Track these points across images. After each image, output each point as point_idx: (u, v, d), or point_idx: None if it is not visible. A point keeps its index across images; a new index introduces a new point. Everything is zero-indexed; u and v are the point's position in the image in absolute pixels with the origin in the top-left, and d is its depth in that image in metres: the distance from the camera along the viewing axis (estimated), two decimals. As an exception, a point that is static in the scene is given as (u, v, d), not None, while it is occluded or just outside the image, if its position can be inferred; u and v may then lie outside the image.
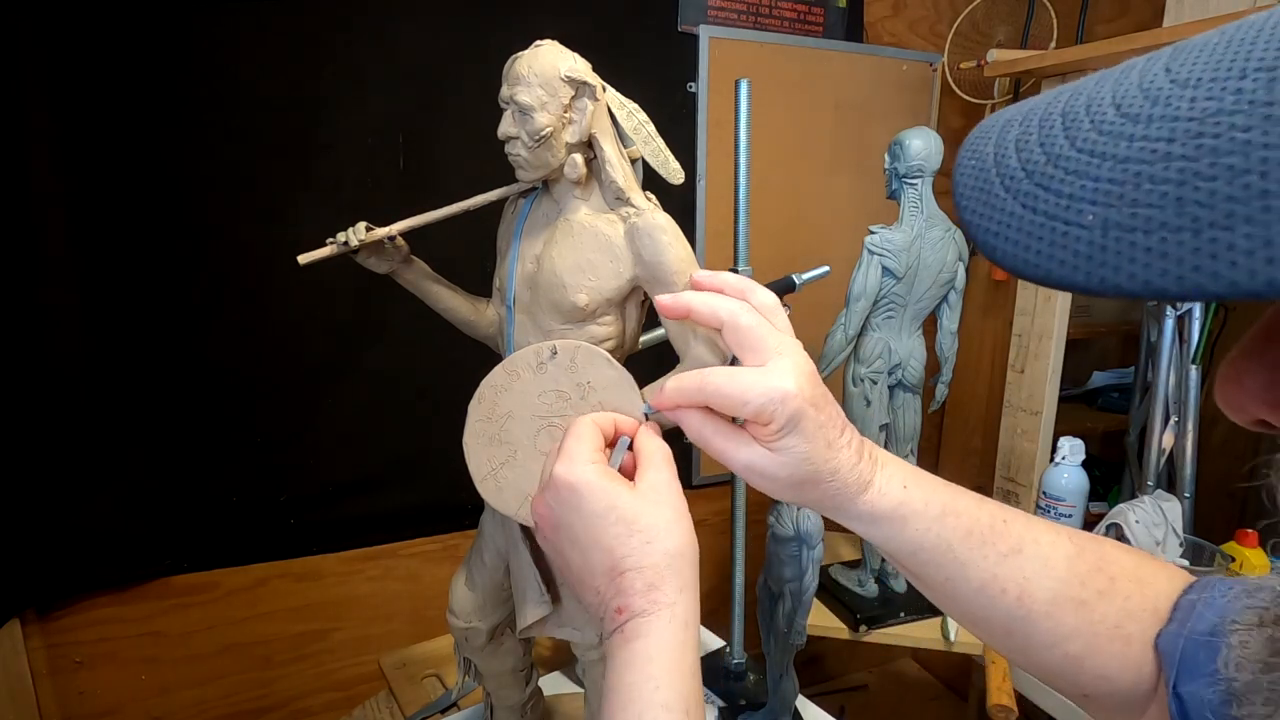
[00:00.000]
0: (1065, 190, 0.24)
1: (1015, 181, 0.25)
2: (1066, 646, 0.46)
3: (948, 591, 0.49)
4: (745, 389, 0.45)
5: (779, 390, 0.45)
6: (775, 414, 0.45)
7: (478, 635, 0.77)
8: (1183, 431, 1.38)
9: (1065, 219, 0.23)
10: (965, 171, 0.28)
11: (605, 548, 0.45)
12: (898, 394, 1.25)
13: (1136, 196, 0.22)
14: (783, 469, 0.46)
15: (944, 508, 0.48)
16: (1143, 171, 0.22)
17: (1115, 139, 0.23)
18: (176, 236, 1.16)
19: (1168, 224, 0.21)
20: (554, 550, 0.49)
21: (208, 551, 1.29)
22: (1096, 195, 0.23)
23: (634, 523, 0.45)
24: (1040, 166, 0.25)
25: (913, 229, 1.17)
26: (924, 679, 2.12)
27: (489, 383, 0.61)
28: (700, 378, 0.47)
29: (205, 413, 1.23)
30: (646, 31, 1.43)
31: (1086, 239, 0.23)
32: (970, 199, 0.27)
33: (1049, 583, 0.47)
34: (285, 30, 1.16)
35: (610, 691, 0.43)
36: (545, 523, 0.48)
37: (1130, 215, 0.22)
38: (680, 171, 0.65)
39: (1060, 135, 0.25)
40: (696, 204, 1.55)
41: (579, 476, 0.46)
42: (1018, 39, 1.72)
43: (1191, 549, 1.23)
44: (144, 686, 1.30)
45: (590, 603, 0.47)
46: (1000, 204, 0.26)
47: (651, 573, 0.45)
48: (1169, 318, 1.36)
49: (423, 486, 1.40)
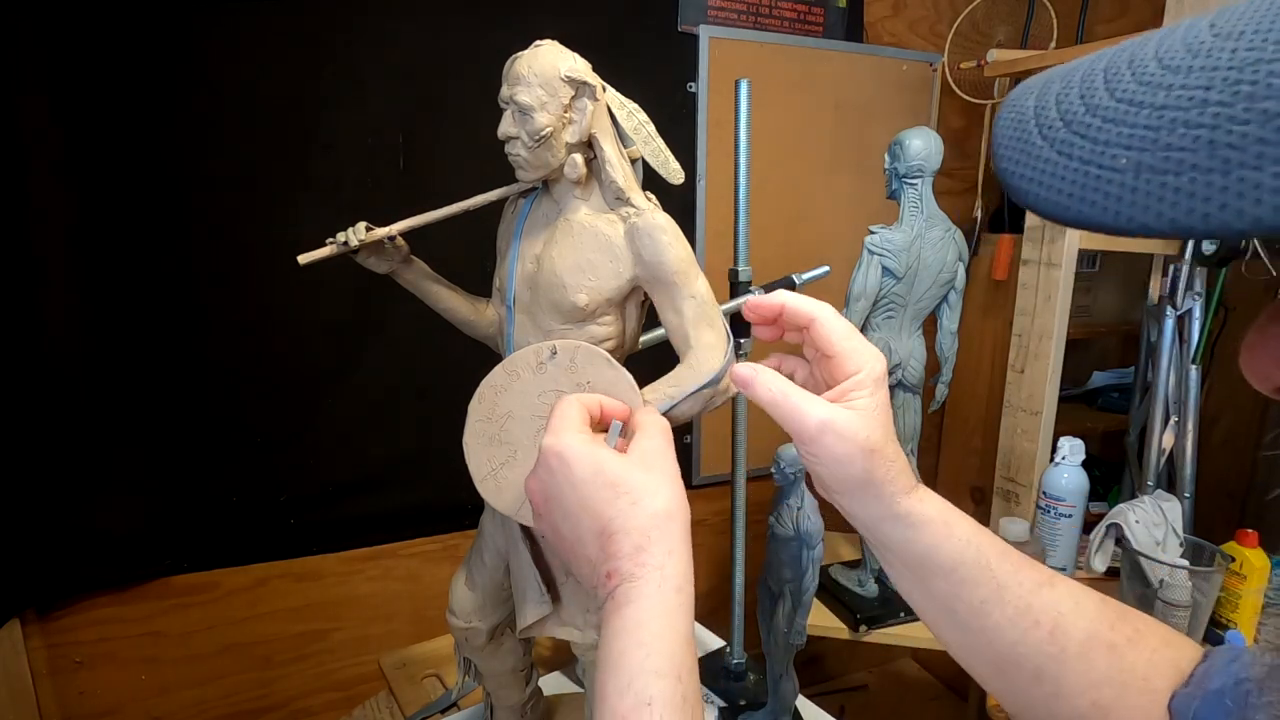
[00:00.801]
0: (1101, 137, 0.25)
1: (1053, 131, 0.27)
2: (1097, 693, 0.44)
3: (981, 621, 0.47)
4: (851, 328, 0.49)
5: (875, 349, 0.48)
6: (869, 363, 0.47)
7: (478, 635, 0.77)
8: (1183, 431, 1.38)
9: (1099, 163, 0.25)
10: (1005, 124, 0.29)
11: (594, 512, 0.45)
12: (898, 394, 1.25)
13: (1170, 140, 0.23)
14: (861, 428, 0.45)
15: (977, 527, 0.48)
16: (1178, 117, 0.23)
17: (1154, 89, 0.24)
18: (176, 236, 1.16)
19: (1198, 165, 0.22)
20: (550, 528, 0.49)
21: (208, 551, 1.29)
22: (1131, 140, 0.24)
23: (619, 485, 0.45)
24: (1079, 116, 0.26)
25: (913, 229, 1.17)
26: (924, 679, 2.12)
27: (489, 383, 0.61)
28: (811, 304, 0.49)
29: (205, 413, 1.23)
30: (646, 31, 1.43)
31: (1118, 181, 0.24)
32: (1007, 148, 0.28)
33: (1083, 621, 0.45)
34: (285, 30, 1.16)
35: (602, 662, 0.42)
36: (537, 497, 0.48)
37: (1163, 158, 0.23)
38: (680, 171, 0.65)
39: (1101, 88, 0.26)
40: (696, 204, 1.55)
41: (565, 444, 0.46)
42: (1018, 39, 1.72)
43: (1191, 549, 1.22)
44: (144, 686, 1.30)
45: (585, 575, 0.47)
46: (1037, 152, 0.27)
47: (639, 535, 0.44)
48: (1169, 318, 1.36)
49: (423, 486, 1.40)
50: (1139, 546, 1.18)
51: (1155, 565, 1.15)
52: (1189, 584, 1.12)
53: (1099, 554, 1.26)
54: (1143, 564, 1.16)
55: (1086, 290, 1.76)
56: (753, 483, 1.12)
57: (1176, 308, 1.35)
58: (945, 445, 1.93)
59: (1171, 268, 1.34)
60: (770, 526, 0.93)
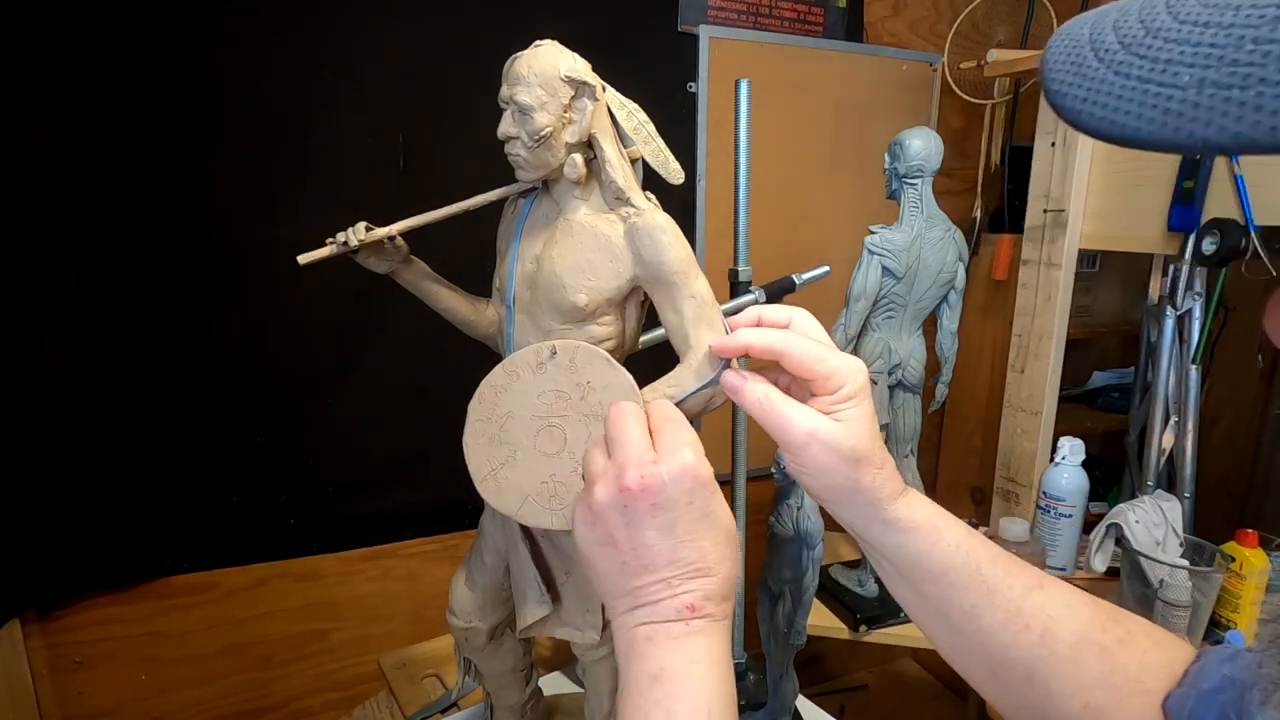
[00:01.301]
0: (1163, 56, 0.25)
1: (1110, 54, 0.27)
2: (1089, 695, 0.45)
3: (971, 625, 0.47)
4: (829, 347, 0.48)
5: (854, 359, 0.48)
6: (850, 377, 0.47)
7: (478, 635, 0.77)
8: (1183, 431, 1.37)
9: (1160, 81, 0.25)
10: (1056, 50, 0.29)
11: (698, 546, 0.46)
12: (898, 394, 1.25)
13: (1238, 56, 0.23)
14: (847, 438, 0.46)
15: (968, 532, 0.49)
16: (1247, 34, 0.23)
17: (1222, 9, 0.24)
18: (176, 236, 1.16)
19: (1267, 79, 0.22)
20: (628, 521, 0.46)
21: (208, 551, 1.29)
22: (1195, 58, 0.24)
23: (733, 540, 0.48)
24: (1139, 39, 0.26)
25: (913, 229, 1.17)
26: (924, 679, 2.12)
27: (489, 383, 0.61)
28: (782, 333, 0.49)
29: (205, 413, 1.23)
30: (646, 31, 1.43)
31: (1180, 98, 0.24)
32: (1059, 71, 0.28)
33: (1074, 624, 0.46)
34: (285, 30, 1.16)
35: (669, 678, 0.44)
36: (647, 495, 0.45)
37: (1229, 74, 0.23)
38: (680, 171, 0.65)
39: (1163, 12, 0.26)
40: (696, 204, 1.55)
41: (709, 477, 0.47)
42: (1018, 39, 1.72)
43: (1191, 549, 1.22)
44: (144, 686, 1.30)
45: (642, 582, 0.46)
46: (1092, 73, 0.27)
47: (728, 586, 0.47)
48: (1169, 318, 1.36)
49: (423, 486, 1.40)
50: (1139, 546, 1.18)
51: (1155, 565, 1.15)
52: (1189, 584, 1.12)
53: (1099, 554, 1.26)
54: (1143, 564, 1.16)
55: (1086, 290, 1.76)
56: (753, 483, 1.12)
57: (1176, 308, 1.35)
58: (945, 445, 1.93)
59: (1171, 268, 1.34)
60: (770, 526, 0.93)
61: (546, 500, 0.61)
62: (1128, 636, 0.46)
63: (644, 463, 0.46)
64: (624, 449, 0.47)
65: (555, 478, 0.60)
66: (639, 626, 0.45)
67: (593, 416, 0.59)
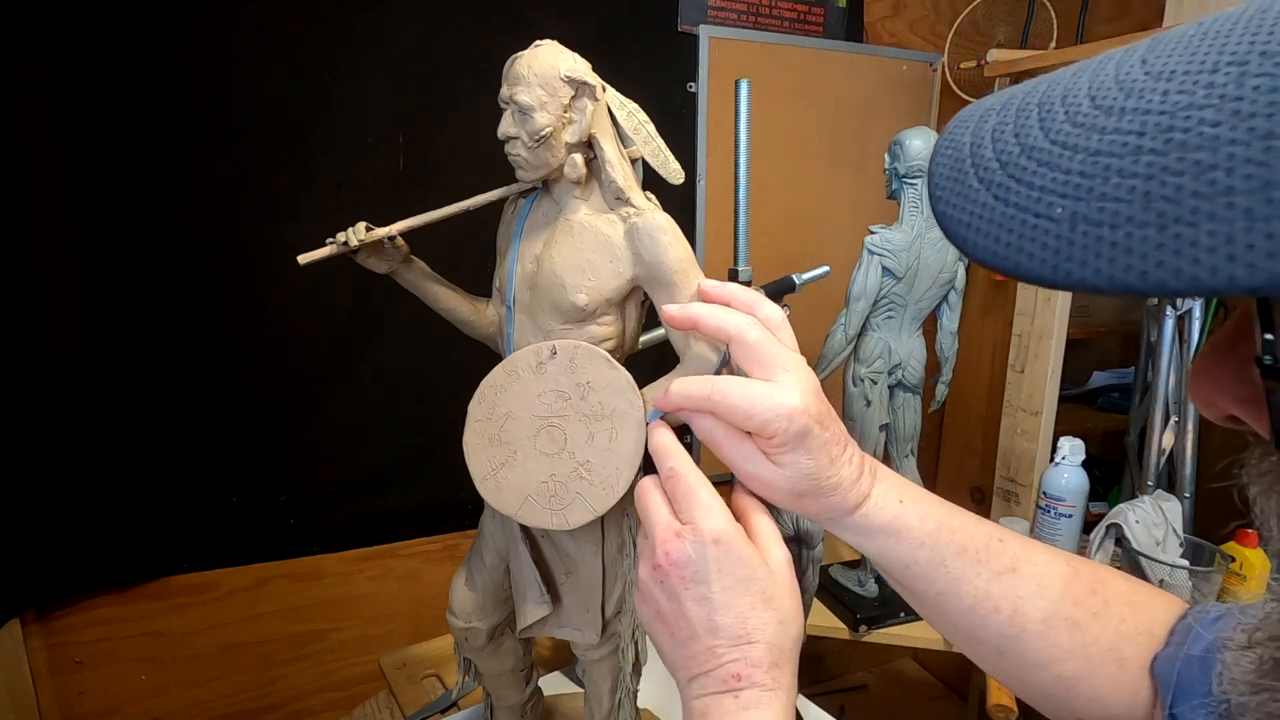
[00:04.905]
0: (1037, 182, 0.23)
1: (989, 173, 0.25)
2: (1060, 668, 0.46)
3: (939, 608, 0.49)
4: (753, 402, 0.45)
5: (786, 406, 0.45)
6: (781, 430, 0.45)
7: (478, 635, 0.77)
8: (1183, 431, 1.37)
9: (1035, 211, 0.23)
10: (941, 162, 0.28)
11: (738, 613, 0.45)
12: (898, 394, 1.25)
13: (1105, 190, 0.21)
14: (785, 481, 0.47)
15: (939, 524, 0.49)
16: (1112, 165, 0.21)
17: (1088, 131, 0.23)
18: (176, 236, 1.16)
19: (1134, 219, 0.20)
20: (669, 595, 0.46)
21: (208, 551, 1.29)
22: (1066, 188, 0.22)
23: (772, 600, 0.46)
24: (1014, 158, 0.25)
25: (913, 229, 1.17)
26: (924, 679, 2.12)
27: (489, 383, 0.61)
28: (709, 385, 0.47)
29: (205, 413, 1.23)
30: (646, 31, 1.43)
31: (1055, 232, 0.22)
32: (944, 189, 0.27)
33: (1043, 603, 0.47)
34: (285, 30, 1.16)
35: None
36: (677, 570, 0.46)
37: (1098, 209, 0.21)
38: (680, 171, 0.65)
39: (1035, 126, 0.25)
40: (696, 204, 1.55)
41: (732, 539, 0.46)
42: (1018, 39, 1.72)
43: (1191, 549, 1.22)
44: (144, 686, 1.30)
45: (690, 653, 0.46)
46: (974, 195, 0.25)
47: (778, 652, 0.45)
48: (1169, 318, 1.36)
49: (423, 486, 1.40)
50: (1139, 546, 1.18)
51: (1155, 565, 1.15)
52: (1189, 584, 1.12)
53: (1099, 554, 1.26)
54: (1143, 564, 1.16)
55: (1086, 290, 1.76)
56: (753, 483, 1.12)
57: (1176, 308, 1.35)
58: (945, 445, 1.93)
59: (1171, 268, 1.34)
60: (770, 526, 0.93)
61: (546, 500, 0.61)
62: (1104, 608, 0.47)
63: (667, 539, 0.46)
64: (651, 527, 0.48)
65: (555, 478, 0.60)
66: (695, 700, 0.45)
67: (593, 416, 0.59)
